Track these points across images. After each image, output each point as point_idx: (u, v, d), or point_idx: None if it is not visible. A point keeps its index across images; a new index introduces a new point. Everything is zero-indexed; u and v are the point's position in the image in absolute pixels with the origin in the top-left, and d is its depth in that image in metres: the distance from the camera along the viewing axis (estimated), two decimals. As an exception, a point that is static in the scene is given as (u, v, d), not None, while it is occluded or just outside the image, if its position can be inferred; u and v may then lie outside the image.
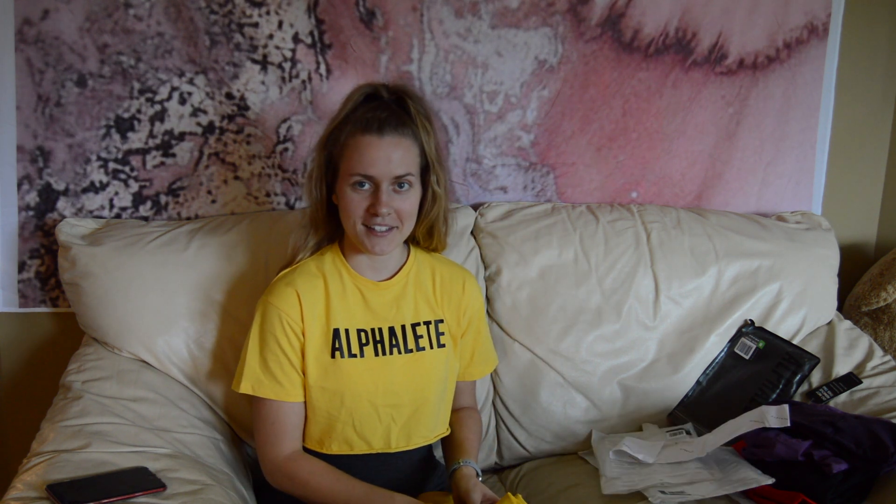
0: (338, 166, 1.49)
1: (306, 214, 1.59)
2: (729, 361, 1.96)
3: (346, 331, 1.53)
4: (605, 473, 1.67)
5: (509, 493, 1.38)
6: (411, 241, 1.64)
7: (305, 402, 1.53)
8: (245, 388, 1.51)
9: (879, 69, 2.30)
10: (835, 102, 2.24)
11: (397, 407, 1.54)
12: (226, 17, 1.90)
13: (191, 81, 1.91)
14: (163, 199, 1.96)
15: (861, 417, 1.62)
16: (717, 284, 2.00)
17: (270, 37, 1.92)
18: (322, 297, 1.54)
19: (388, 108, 1.49)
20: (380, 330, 1.55)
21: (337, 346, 1.52)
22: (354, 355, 1.53)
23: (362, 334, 1.54)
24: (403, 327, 1.57)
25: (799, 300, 2.02)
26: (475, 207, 2.06)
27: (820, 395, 1.85)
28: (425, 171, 1.52)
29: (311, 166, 1.54)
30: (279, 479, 1.51)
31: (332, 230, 1.59)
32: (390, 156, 1.44)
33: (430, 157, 1.51)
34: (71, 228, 1.83)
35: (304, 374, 1.52)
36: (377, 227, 1.47)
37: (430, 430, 1.60)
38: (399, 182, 1.46)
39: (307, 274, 1.55)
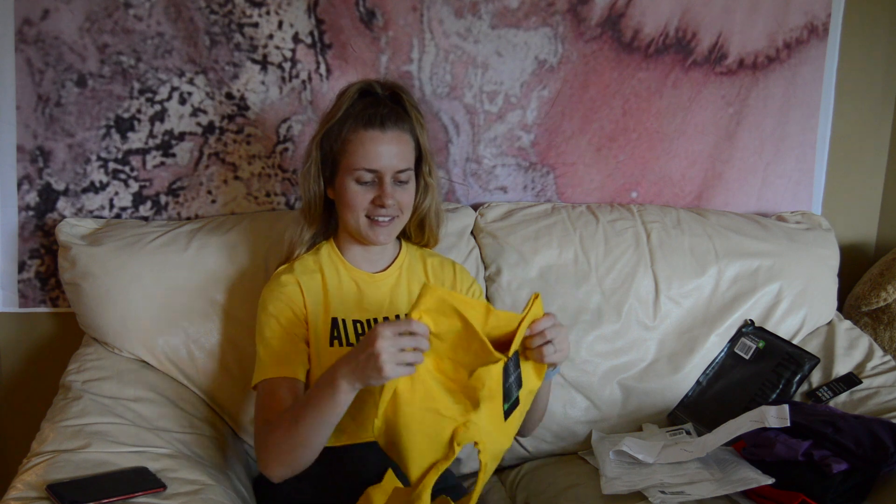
0: (338, 161, 1.52)
1: (300, 209, 1.61)
2: (729, 361, 1.95)
3: (343, 321, 1.55)
4: (605, 473, 1.67)
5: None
6: (402, 236, 1.66)
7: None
8: (262, 376, 1.47)
9: (879, 69, 2.30)
10: (835, 102, 2.24)
11: None
12: (226, 17, 1.90)
13: (191, 81, 1.91)
14: (163, 199, 1.95)
15: (861, 417, 1.62)
16: (717, 284, 2.00)
17: (270, 37, 1.92)
18: (321, 289, 1.56)
19: (386, 103, 1.53)
20: (375, 321, 1.57)
21: (335, 334, 1.54)
22: (352, 344, 1.54)
23: (358, 325, 1.56)
24: (398, 318, 1.58)
25: (799, 300, 2.02)
26: (475, 207, 2.06)
27: (820, 395, 1.85)
28: (418, 162, 1.58)
29: (307, 163, 1.56)
30: (256, 451, 1.44)
31: (326, 224, 1.62)
32: (393, 150, 1.50)
33: (424, 149, 1.57)
34: (71, 228, 1.83)
35: (308, 361, 1.51)
36: (380, 218, 1.51)
37: None
38: (400, 174, 1.51)
39: (305, 268, 1.58)
